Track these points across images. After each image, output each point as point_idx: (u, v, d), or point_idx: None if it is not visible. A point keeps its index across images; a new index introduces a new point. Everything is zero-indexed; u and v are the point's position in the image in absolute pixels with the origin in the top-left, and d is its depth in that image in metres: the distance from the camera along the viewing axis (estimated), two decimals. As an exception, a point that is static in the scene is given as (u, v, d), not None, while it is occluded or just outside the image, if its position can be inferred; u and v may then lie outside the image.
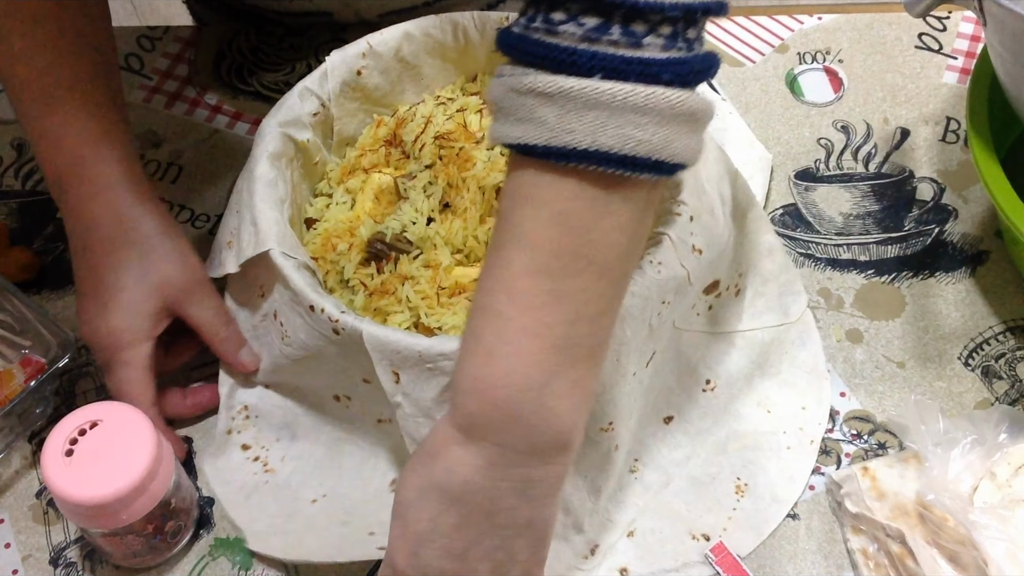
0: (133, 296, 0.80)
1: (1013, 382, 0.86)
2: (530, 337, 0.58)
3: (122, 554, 0.78)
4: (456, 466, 0.61)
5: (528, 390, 0.59)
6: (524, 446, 0.61)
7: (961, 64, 1.04)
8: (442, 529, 0.62)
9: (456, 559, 0.63)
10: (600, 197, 0.56)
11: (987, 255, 0.92)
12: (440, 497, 0.62)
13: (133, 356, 0.80)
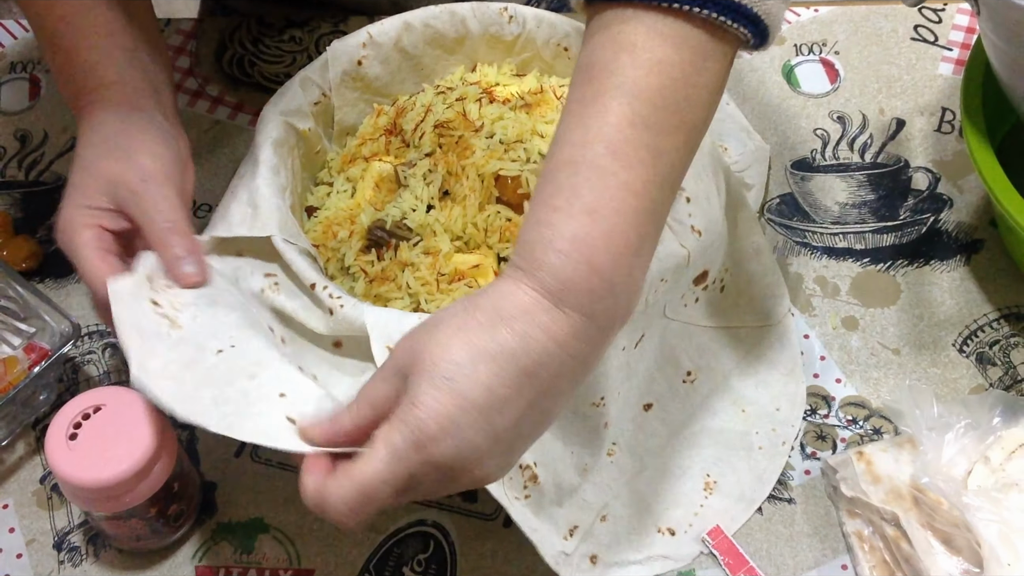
0: (77, 195, 0.76)
1: (1007, 368, 0.87)
2: (633, 196, 0.56)
3: (125, 537, 0.79)
4: (536, 335, 0.56)
5: (626, 255, 0.56)
6: (605, 319, 0.58)
7: (956, 55, 1.05)
8: (495, 401, 0.57)
9: (490, 435, 0.58)
10: (699, 48, 0.56)
11: (981, 243, 0.93)
12: (504, 365, 0.57)
13: (76, 241, 0.74)
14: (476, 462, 0.58)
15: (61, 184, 0.98)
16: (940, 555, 0.75)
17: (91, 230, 0.74)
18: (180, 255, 0.73)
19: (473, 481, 0.60)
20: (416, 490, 0.59)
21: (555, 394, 0.59)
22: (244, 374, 0.67)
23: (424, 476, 0.58)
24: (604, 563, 0.77)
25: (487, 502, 0.82)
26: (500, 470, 0.61)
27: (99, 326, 0.91)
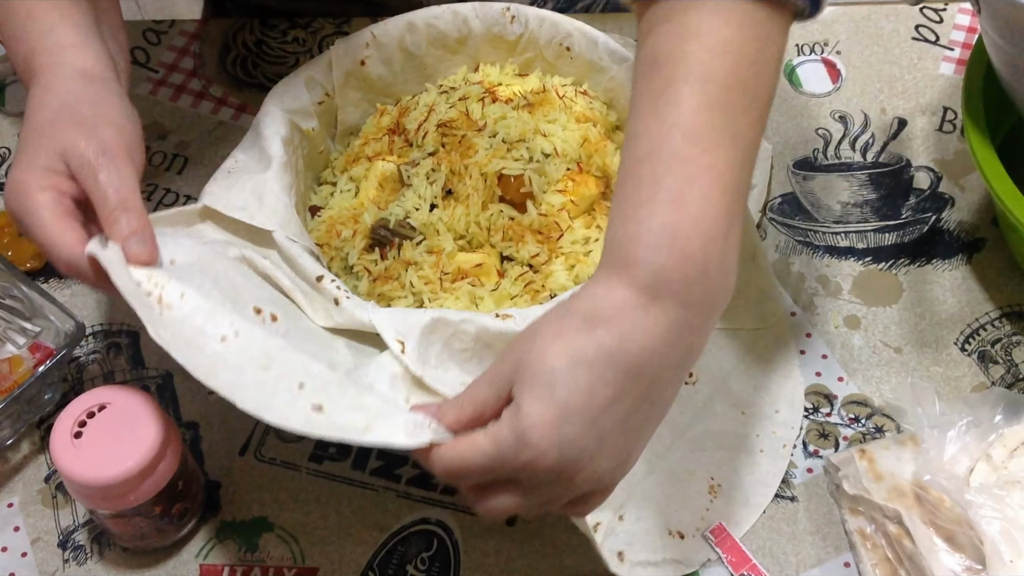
0: (31, 155, 0.72)
1: (1009, 367, 0.87)
2: (714, 179, 0.56)
3: (130, 536, 0.79)
4: (634, 333, 0.56)
5: (717, 239, 0.56)
6: (704, 305, 0.58)
7: (957, 55, 1.05)
8: (598, 403, 0.57)
9: (596, 436, 0.58)
10: (762, 25, 0.57)
11: (983, 242, 0.94)
12: (604, 367, 0.57)
13: (32, 202, 0.70)
14: (586, 463, 0.58)
15: (65, 184, 0.99)
16: (943, 552, 0.75)
17: (49, 192, 0.71)
18: (129, 233, 0.69)
19: (592, 481, 0.60)
20: (535, 493, 0.60)
21: (662, 386, 0.59)
22: (257, 366, 0.66)
23: (531, 478, 0.59)
24: (629, 561, 0.78)
25: (490, 500, 0.82)
26: (619, 467, 0.61)
27: (103, 325, 0.91)
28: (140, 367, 0.90)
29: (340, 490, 0.83)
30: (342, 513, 0.82)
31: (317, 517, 0.82)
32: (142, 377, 0.89)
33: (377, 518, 0.82)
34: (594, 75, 0.87)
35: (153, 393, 0.88)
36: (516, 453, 0.58)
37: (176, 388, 0.88)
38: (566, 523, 0.81)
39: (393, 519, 0.82)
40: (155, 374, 0.89)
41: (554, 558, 0.80)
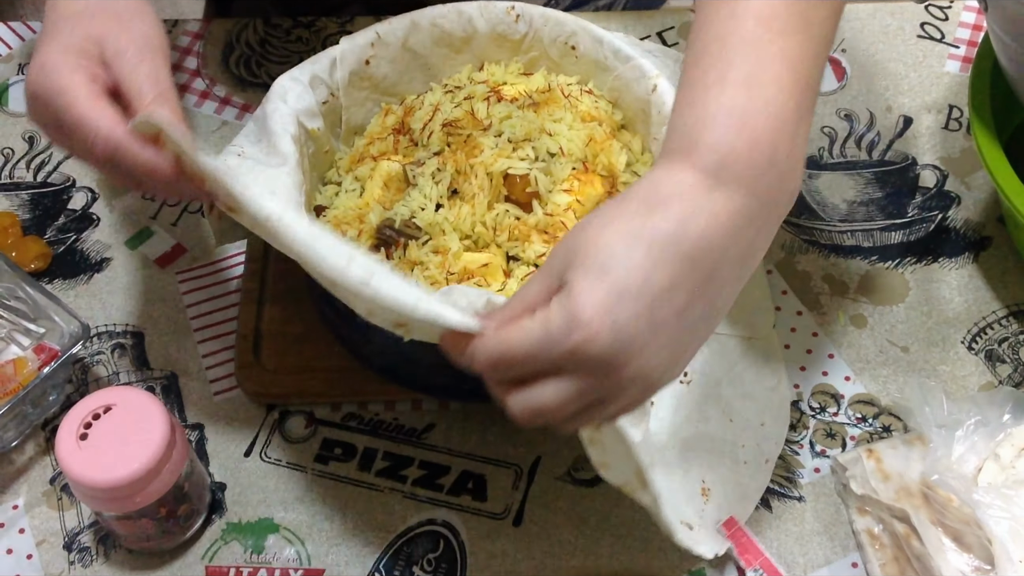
0: (62, 40, 0.70)
1: (1016, 365, 0.87)
2: (786, 66, 0.54)
3: (135, 538, 0.79)
4: (695, 216, 0.54)
5: (786, 128, 0.54)
6: (768, 197, 0.56)
7: (963, 53, 1.05)
8: (654, 288, 0.54)
9: (650, 324, 0.55)
10: None
11: (989, 241, 0.93)
12: (662, 250, 0.54)
13: (63, 81, 0.68)
14: (637, 353, 0.55)
15: (70, 185, 0.99)
16: (951, 552, 0.75)
17: (83, 73, 0.68)
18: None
19: (639, 379, 0.57)
20: (579, 385, 0.56)
21: (721, 283, 0.56)
22: (308, 233, 0.65)
23: (578, 366, 0.56)
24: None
25: (497, 501, 0.82)
26: (669, 368, 0.58)
27: (108, 326, 0.91)
28: (145, 368, 0.89)
29: (346, 491, 0.83)
30: (348, 514, 0.82)
31: (323, 518, 0.82)
32: (147, 378, 0.89)
33: (383, 519, 0.82)
34: (599, 74, 0.87)
35: (158, 394, 0.88)
36: (565, 335, 0.54)
37: (181, 389, 0.88)
38: (573, 524, 0.81)
39: (399, 520, 0.82)
40: (160, 375, 0.89)
41: (560, 559, 0.80)
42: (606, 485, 0.82)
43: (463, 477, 0.84)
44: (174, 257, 0.95)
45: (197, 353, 0.90)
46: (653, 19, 1.10)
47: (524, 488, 0.83)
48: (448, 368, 0.81)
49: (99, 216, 0.98)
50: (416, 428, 0.86)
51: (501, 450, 0.85)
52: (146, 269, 0.95)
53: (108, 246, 0.96)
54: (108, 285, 0.94)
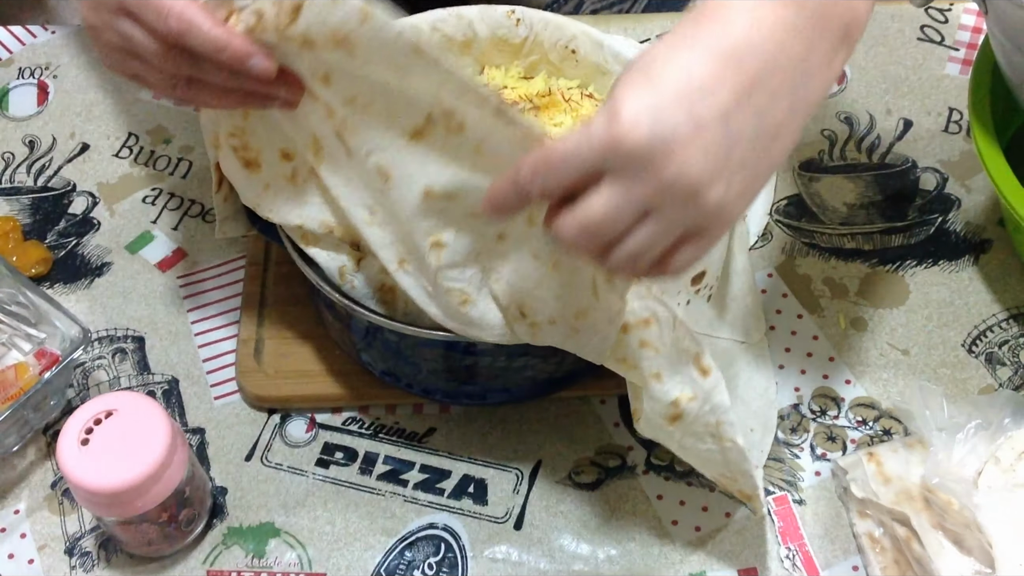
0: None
1: (1017, 368, 0.87)
2: None
3: (137, 542, 0.79)
4: (739, 17, 0.55)
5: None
6: (818, 12, 0.56)
7: (963, 56, 1.05)
8: (692, 82, 0.54)
9: (692, 120, 0.54)
10: None
11: (989, 243, 0.93)
12: (704, 49, 0.55)
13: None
14: (677, 150, 0.54)
15: (71, 189, 0.99)
16: (951, 556, 0.75)
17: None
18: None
19: (681, 186, 0.55)
20: (622, 184, 0.56)
21: (771, 93, 0.56)
22: None
23: (618, 163, 0.55)
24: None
25: (498, 505, 0.82)
26: (713, 180, 0.56)
27: (109, 331, 0.91)
28: (146, 373, 0.89)
29: (347, 495, 0.83)
30: (349, 518, 0.82)
31: (324, 522, 0.82)
32: (148, 383, 0.89)
33: (384, 523, 0.82)
34: (600, 78, 0.87)
35: (159, 399, 0.88)
36: (604, 129, 0.55)
37: (182, 393, 0.88)
38: (574, 528, 0.81)
39: (400, 524, 0.82)
40: (161, 379, 0.89)
41: (561, 563, 0.80)
42: (607, 489, 0.82)
43: (464, 481, 0.84)
44: (175, 261, 0.96)
45: (198, 357, 0.90)
46: (653, 22, 1.10)
47: (525, 492, 0.83)
48: (450, 372, 0.81)
49: (100, 220, 0.98)
50: (417, 432, 0.86)
51: (502, 454, 0.85)
52: (147, 273, 0.95)
53: (109, 250, 0.96)
54: (109, 289, 0.94)
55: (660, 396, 0.71)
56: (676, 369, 0.71)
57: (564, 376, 0.82)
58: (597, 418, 0.86)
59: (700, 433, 0.73)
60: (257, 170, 0.77)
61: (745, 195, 0.58)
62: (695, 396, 0.71)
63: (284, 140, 0.75)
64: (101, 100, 1.06)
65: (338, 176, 0.74)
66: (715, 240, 0.59)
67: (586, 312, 0.70)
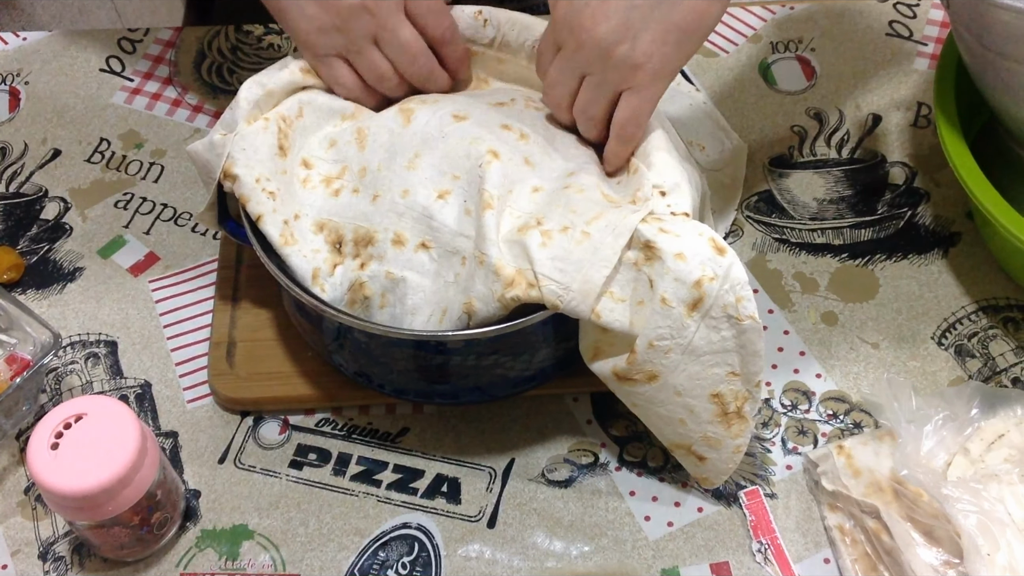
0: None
1: (986, 360, 0.87)
2: None
3: (109, 546, 0.79)
4: None
5: None
6: None
7: (931, 51, 1.06)
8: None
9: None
10: None
11: (959, 236, 0.94)
12: None
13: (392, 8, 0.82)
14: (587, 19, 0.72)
15: (43, 195, 0.99)
16: (921, 547, 0.75)
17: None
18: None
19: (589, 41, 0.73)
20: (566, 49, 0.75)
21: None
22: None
23: (560, 42, 0.76)
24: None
25: (471, 503, 0.82)
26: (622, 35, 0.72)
27: (81, 336, 0.91)
28: (119, 377, 0.89)
29: (320, 496, 0.83)
30: (323, 519, 0.82)
31: (298, 523, 0.82)
32: (121, 387, 0.89)
33: (358, 523, 0.82)
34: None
35: (132, 403, 0.88)
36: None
37: (155, 397, 0.88)
38: (547, 525, 0.81)
39: (374, 524, 0.82)
40: (134, 384, 0.89)
41: (535, 560, 0.80)
42: (580, 486, 0.83)
43: (437, 480, 0.84)
44: (147, 265, 0.96)
45: (171, 361, 0.90)
46: (623, 21, 1.10)
47: (498, 490, 0.83)
48: (421, 371, 0.82)
49: (72, 226, 0.98)
50: (390, 432, 0.86)
51: (475, 453, 0.85)
52: (119, 278, 0.95)
53: (81, 256, 0.96)
54: (81, 295, 0.94)
55: (685, 276, 0.71)
56: (696, 252, 0.71)
57: (535, 374, 0.82)
58: (569, 415, 0.86)
59: (718, 319, 0.72)
60: (284, 155, 0.82)
61: (655, 52, 0.72)
62: (715, 276, 0.71)
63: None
64: (72, 106, 1.06)
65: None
66: (646, 96, 0.74)
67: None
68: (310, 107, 0.84)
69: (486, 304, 0.73)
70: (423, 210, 0.77)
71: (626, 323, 0.73)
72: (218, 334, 0.89)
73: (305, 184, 0.82)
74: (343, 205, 0.81)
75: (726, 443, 0.77)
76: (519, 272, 0.72)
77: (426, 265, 0.77)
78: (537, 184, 0.77)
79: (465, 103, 0.82)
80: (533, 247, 0.72)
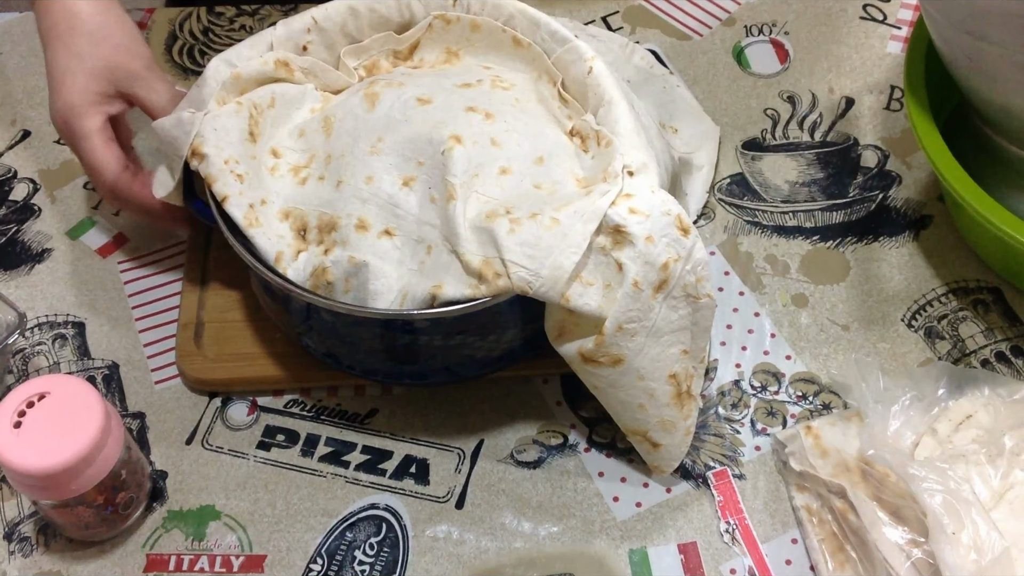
0: (80, 79, 0.85)
1: (955, 342, 0.87)
2: None
3: (74, 527, 0.78)
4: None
5: None
6: None
7: (905, 34, 1.06)
8: None
9: None
10: None
11: (930, 219, 0.94)
12: None
13: (86, 126, 0.84)
14: None
15: (11, 176, 0.98)
16: (887, 526, 0.75)
17: (100, 117, 0.85)
18: None
19: None
20: None
21: None
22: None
23: None
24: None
25: (439, 484, 0.82)
26: None
27: (49, 317, 0.91)
28: (86, 358, 0.89)
29: (288, 477, 0.83)
30: (290, 500, 0.82)
31: (265, 504, 0.82)
32: (88, 368, 0.88)
33: (325, 504, 0.82)
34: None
35: (99, 384, 0.87)
36: None
37: (123, 378, 0.88)
38: (515, 506, 0.81)
39: (341, 505, 0.82)
40: (101, 364, 0.88)
41: (503, 540, 0.80)
42: (549, 467, 0.82)
43: (406, 461, 0.84)
44: (116, 247, 0.95)
45: (139, 342, 0.90)
46: (597, 4, 1.10)
47: (467, 471, 0.83)
48: (388, 352, 0.81)
49: (40, 207, 0.98)
50: (359, 413, 0.86)
51: (444, 434, 0.85)
52: (88, 259, 0.94)
53: (50, 236, 0.96)
54: (50, 275, 0.93)
55: (654, 259, 0.72)
56: (663, 233, 0.72)
57: (503, 355, 0.82)
58: (539, 397, 0.86)
59: (678, 298, 0.74)
60: (253, 141, 0.82)
61: None
62: (679, 257, 0.72)
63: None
64: (43, 87, 1.04)
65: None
66: None
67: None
68: (282, 99, 0.84)
69: (456, 292, 0.73)
70: (388, 198, 0.77)
71: (595, 307, 0.73)
72: (186, 315, 0.89)
73: (273, 172, 0.82)
74: (308, 193, 0.80)
75: (679, 425, 0.78)
76: (486, 262, 0.72)
77: (389, 252, 0.76)
78: (505, 165, 0.77)
79: (430, 85, 0.82)
80: (501, 234, 0.72)
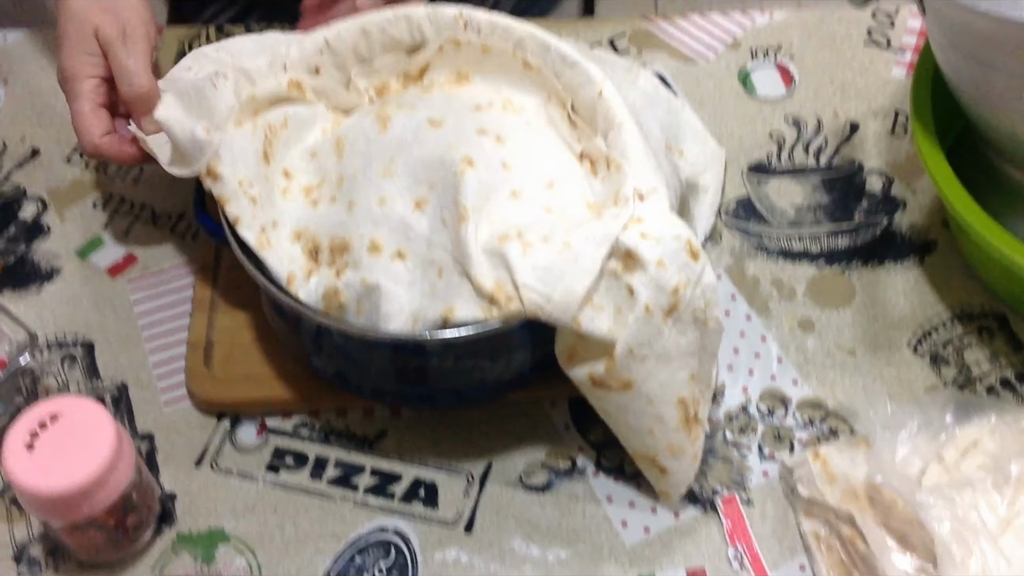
0: (71, 42, 0.88)
1: (960, 368, 0.88)
2: None
3: (84, 549, 0.78)
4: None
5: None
6: None
7: (909, 59, 1.07)
8: None
9: None
10: None
11: (935, 244, 0.95)
12: None
13: (75, 89, 0.88)
14: None
15: (21, 195, 0.99)
16: (895, 554, 0.75)
17: (93, 80, 0.88)
18: (145, 113, 0.86)
19: None
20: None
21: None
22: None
23: None
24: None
25: (448, 508, 0.82)
26: None
27: (59, 337, 0.91)
28: (96, 378, 0.89)
29: (297, 500, 0.83)
30: (299, 523, 0.82)
31: (274, 527, 0.82)
32: (97, 388, 0.88)
33: (335, 527, 0.82)
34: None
35: (108, 404, 0.87)
36: None
37: (132, 399, 0.88)
38: (524, 530, 0.81)
39: (350, 528, 0.82)
40: (110, 385, 0.89)
41: (512, 565, 0.80)
42: (557, 491, 0.83)
43: (415, 484, 0.84)
44: (125, 266, 0.95)
45: (148, 363, 0.90)
46: (604, 26, 1.11)
47: (475, 495, 0.83)
48: (398, 373, 0.82)
49: (50, 226, 0.98)
50: (368, 436, 0.86)
51: (453, 457, 0.85)
52: (97, 279, 0.95)
53: (59, 256, 0.96)
54: (59, 295, 0.94)
55: (665, 284, 0.72)
56: (674, 258, 0.72)
57: (513, 378, 0.82)
58: (547, 420, 0.86)
59: (686, 323, 0.74)
60: (267, 163, 0.83)
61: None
62: (689, 281, 0.73)
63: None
64: (53, 105, 1.06)
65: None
66: None
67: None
68: (295, 120, 0.85)
69: (468, 314, 0.73)
70: (400, 220, 0.77)
71: (605, 331, 0.73)
72: (195, 336, 0.89)
73: (285, 194, 0.83)
74: (321, 215, 0.81)
75: (687, 450, 0.78)
76: (498, 285, 0.73)
77: (401, 274, 0.77)
78: (516, 189, 0.78)
79: (442, 108, 0.83)
80: (513, 256, 0.73)
